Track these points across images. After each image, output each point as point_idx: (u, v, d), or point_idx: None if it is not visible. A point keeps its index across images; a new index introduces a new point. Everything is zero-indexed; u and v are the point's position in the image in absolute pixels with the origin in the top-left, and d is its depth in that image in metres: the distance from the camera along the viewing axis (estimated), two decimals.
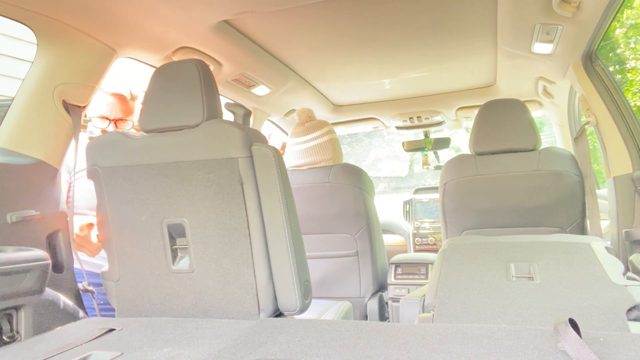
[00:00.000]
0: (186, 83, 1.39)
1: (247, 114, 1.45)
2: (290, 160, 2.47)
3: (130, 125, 1.98)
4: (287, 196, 1.36)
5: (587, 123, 2.03)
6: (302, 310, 1.40)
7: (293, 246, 1.36)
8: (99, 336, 1.16)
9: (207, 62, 2.11)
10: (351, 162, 2.67)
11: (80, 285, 1.63)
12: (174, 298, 1.43)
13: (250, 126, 2.99)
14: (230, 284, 1.37)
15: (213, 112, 1.39)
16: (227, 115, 1.57)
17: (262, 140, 1.39)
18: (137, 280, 1.47)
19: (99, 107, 1.91)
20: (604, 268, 1.38)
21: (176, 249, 1.44)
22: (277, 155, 1.36)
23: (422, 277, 2.53)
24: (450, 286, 1.41)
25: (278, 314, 1.43)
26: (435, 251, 3.28)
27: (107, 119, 1.91)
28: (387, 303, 2.52)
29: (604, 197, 2.21)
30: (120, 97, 1.92)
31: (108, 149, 1.44)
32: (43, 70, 1.51)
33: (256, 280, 1.35)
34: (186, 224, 1.40)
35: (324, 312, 1.99)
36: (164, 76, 1.44)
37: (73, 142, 1.65)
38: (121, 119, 1.92)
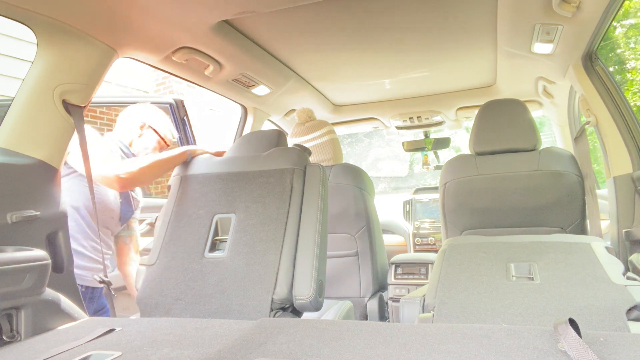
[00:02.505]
0: (266, 138, 1.86)
1: (307, 151, 1.83)
2: None
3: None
4: (324, 204, 1.64)
5: (587, 123, 2.03)
6: (314, 305, 1.51)
7: (319, 246, 1.57)
8: (99, 336, 1.16)
9: (207, 62, 2.11)
10: (351, 162, 2.67)
11: (97, 277, 1.71)
12: (199, 279, 1.59)
13: (250, 126, 3.01)
14: (255, 263, 1.56)
15: (282, 144, 1.86)
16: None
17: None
18: (171, 264, 1.66)
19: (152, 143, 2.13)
20: (604, 268, 1.38)
21: (216, 240, 1.67)
22: (324, 172, 1.69)
23: (422, 277, 2.53)
24: (450, 286, 1.41)
25: (289, 304, 1.52)
26: (435, 251, 3.28)
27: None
28: (387, 303, 2.52)
29: (604, 197, 2.21)
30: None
31: (195, 164, 1.84)
32: (43, 70, 1.51)
33: (280, 261, 1.53)
34: (233, 218, 1.67)
35: (325, 311, 2.00)
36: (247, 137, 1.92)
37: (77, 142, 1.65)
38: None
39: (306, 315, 1.64)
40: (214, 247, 1.67)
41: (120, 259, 2.20)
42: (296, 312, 1.57)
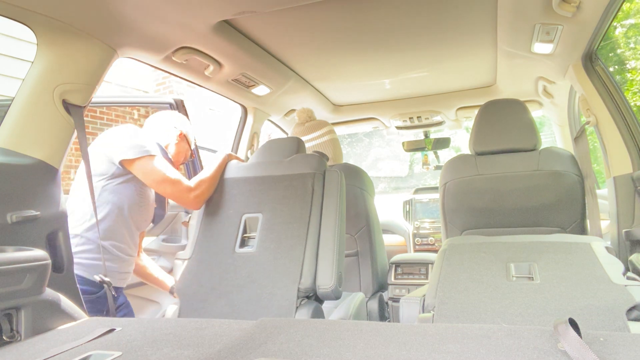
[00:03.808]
0: (287, 145, 2.02)
1: (325, 156, 1.97)
2: None
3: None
4: (342, 205, 1.79)
5: (587, 123, 2.03)
6: (335, 293, 1.67)
7: (339, 243, 1.72)
8: (99, 336, 1.16)
9: (207, 62, 2.11)
10: (351, 162, 2.67)
11: (97, 277, 1.73)
12: (232, 272, 1.76)
13: (250, 126, 3.02)
14: (282, 257, 1.72)
15: (302, 151, 2.03)
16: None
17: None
18: (205, 258, 1.83)
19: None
20: (604, 268, 1.38)
21: (245, 237, 1.84)
22: (342, 176, 1.85)
23: (422, 277, 2.53)
24: (450, 286, 1.41)
25: (313, 293, 1.68)
26: (435, 251, 3.28)
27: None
28: (387, 303, 2.52)
29: (604, 197, 2.21)
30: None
31: (233, 167, 2.01)
32: (43, 70, 1.51)
33: (304, 256, 1.70)
34: (260, 217, 1.84)
35: (340, 302, 2.09)
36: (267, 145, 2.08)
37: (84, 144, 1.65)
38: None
39: (326, 303, 1.85)
40: (243, 244, 1.83)
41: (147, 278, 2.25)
42: (319, 301, 1.72)
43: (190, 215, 2.08)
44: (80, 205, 1.85)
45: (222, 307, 1.70)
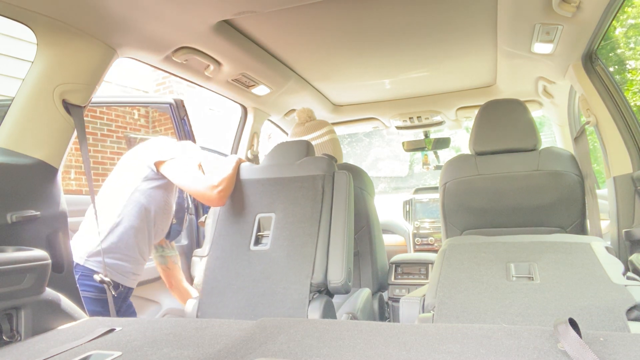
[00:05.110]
0: (297, 148, 2.07)
1: (334, 159, 2.07)
2: None
3: None
4: (350, 205, 1.88)
5: (587, 123, 2.03)
6: (345, 288, 1.76)
7: (348, 241, 1.81)
8: (99, 336, 1.16)
9: (207, 62, 2.12)
10: (351, 162, 2.67)
11: (97, 277, 1.75)
12: (247, 268, 1.85)
13: (250, 126, 3.02)
14: (295, 254, 1.81)
15: (311, 154, 2.09)
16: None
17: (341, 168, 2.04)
18: (222, 255, 1.92)
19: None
20: (604, 268, 1.38)
21: (260, 236, 1.93)
22: (350, 177, 1.93)
23: (422, 277, 2.53)
24: (450, 286, 1.41)
25: (324, 287, 1.77)
26: (435, 251, 3.28)
27: None
28: (387, 303, 2.52)
29: (604, 197, 2.21)
30: None
31: (247, 169, 2.07)
32: (43, 70, 1.51)
33: (316, 253, 1.78)
34: (273, 217, 1.92)
35: (348, 297, 2.14)
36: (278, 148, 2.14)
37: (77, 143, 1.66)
38: None
39: (335, 298, 1.92)
40: (258, 242, 1.92)
41: (175, 278, 2.30)
42: (330, 295, 1.81)
43: (206, 215, 2.17)
44: (108, 205, 1.92)
45: (239, 300, 1.78)
